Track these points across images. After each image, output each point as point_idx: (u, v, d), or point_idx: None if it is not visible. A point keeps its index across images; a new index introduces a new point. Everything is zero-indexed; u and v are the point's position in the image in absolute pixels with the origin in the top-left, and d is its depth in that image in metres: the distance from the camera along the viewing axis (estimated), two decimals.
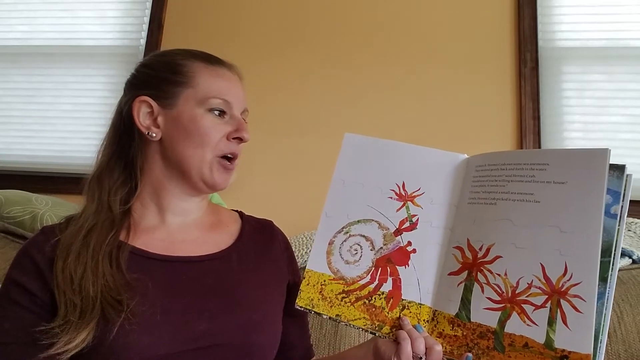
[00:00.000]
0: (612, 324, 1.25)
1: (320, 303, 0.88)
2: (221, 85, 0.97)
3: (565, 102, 2.15)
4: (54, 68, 2.52)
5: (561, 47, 2.20)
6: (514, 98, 2.17)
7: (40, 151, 2.47)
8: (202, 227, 1.01)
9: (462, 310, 0.79)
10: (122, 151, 0.98)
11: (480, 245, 0.80)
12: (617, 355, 1.23)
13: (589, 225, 0.70)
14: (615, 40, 2.16)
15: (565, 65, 2.19)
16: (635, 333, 1.24)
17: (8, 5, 2.62)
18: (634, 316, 1.26)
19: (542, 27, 2.22)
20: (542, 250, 0.73)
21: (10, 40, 2.58)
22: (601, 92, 2.14)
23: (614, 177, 0.71)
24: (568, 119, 2.14)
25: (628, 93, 2.12)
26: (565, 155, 0.77)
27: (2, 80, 2.55)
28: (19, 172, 2.45)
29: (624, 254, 1.45)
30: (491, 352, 0.74)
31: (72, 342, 0.79)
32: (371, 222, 0.90)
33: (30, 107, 2.51)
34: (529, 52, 2.19)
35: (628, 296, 1.31)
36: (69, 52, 2.53)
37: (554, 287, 0.71)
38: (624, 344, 1.24)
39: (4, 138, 2.51)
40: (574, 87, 2.17)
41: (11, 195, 1.68)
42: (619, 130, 2.10)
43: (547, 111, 2.15)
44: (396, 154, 0.93)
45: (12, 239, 1.61)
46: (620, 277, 1.36)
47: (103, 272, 0.85)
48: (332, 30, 2.35)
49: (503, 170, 0.81)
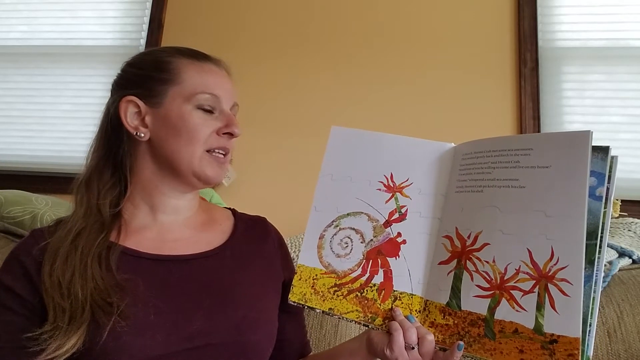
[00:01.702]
0: (612, 324, 1.24)
1: (312, 297, 0.88)
2: (208, 80, 0.95)
3: (565, 102, 2.16)
4: (54, 68, 2.54)
5: (561, 47, 2.21)
6: (514, 98, 2.17)
7: (40, 151, 2.48)
8: (194, 225, 1.00)
9: (452, 299, 0.79)
10: (111, 153, 0.97)
11: (468, 234, 0.80)
12: (617, 355, 1.22)
13: (574, 208, 0.70)
14: (615, 40, 2.16)
15: (565, 65, 2.20)
16: (635, 333, 1.22)
17: (8, 5, 2.64)
18: (634, 316, 1.24)
19: (542, 27, 2.22)
20: (529, 235, 0.73)
21: (10, 40, 2.60)
22: (601, 92, 2.14)
23: (598, 158, 0.70)
24: (568, 119, 2.14)
25: (628, 93, 2.12)
26: (548, 139, 0.77)
27: (2, 80, 2.56)
28: (19, 172, 2.46)
29: (624, 254, 1.43)
30: (482, 340, 0.74)
31: (62, 347, 0.78)
32: (360, 214, 0.90)
33: (30, 107, 2.53)
34: (529, 52, 2.19)
35: (628, 296, 1.30)
36: (69, 52, 2.54)
37: (542, 271, 0.71)
38: (624, 344, 1.22)
39: (4, 138, 2.52)
40: (574, 87, 2.17)
41: (11, 195, 1.68)
42: (619, 130, 2.10)
43: (547, 111, 2.15)
44: (383, 145, 0.92)
45: (12, 239, 1.60)
46: (620, 277, 1.35)
47: (92, 275, 0.84)
48: (332, 31, 2.35)
49: (489, 157, 0.81)
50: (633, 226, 1.65)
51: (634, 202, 1.93)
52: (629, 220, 1.66)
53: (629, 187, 2.01)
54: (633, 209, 1.85)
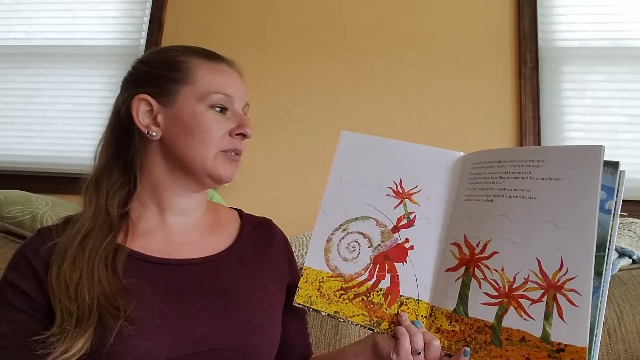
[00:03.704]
0: (612, 324, 1.24)
1: (318, 300, 0.88)
2: (221, 80, 0.95)
3: (565, 102, 2.16)
4: (54, 68, 2.53)
5: (561, 47, 2.21)
6: (514, 98, 2.17)
7: (40, 151, 2.47)
8: (201, 228, 1.00)
9: (459, 306, 0.79)
10: (121, 152, 0.96)
11: (477, 242, 0.81)
12: (617, 355, 1.23)
13: (584, 220, 0.72)
14: (615, 40, 2.16)
15: (565, 65, 2.20)
16: (635, 333, 1.23)
17: (8, 5, 2.62)
18: (634, 316, 1.25)
19: (542, 27, 2.22)
20: (538, 245, 0.74)
21: (10, 40, 2.59)
22: (601, 92, 2.14)
23: (608, 173, 0.72)
24: (568, 119, 2.14)
25: (628, 93, 2.12)
26: (560, 152, 0.78)
27: (2, 80, 2.55)
28: (19, 172, 2.45)
29: (624, 254, 1.44)
30: (488, 347, 0.75)
31: (69, 351, 0.78)
32: (369, 219, 0.90)
33: (30, 107, 2.52)
34: (529, 52, 2.19)
35: (628, 296, 1.30)
36: (69, 52, 2.53)
37: (550, 281, 0.72)
38: (624, 344, 1.23)
39: (4, 138, 2.51)
40: (574, 87, 2.17)
41: (11, 195, 1.67)
42: (619, 130, 2.10)
43: (547, 111, 2.15)
44: (393, 151, 0.93)
45: (12, 239, 1.60)
46: (620, 277, 1.36)
47: (99, 279, 0.84)
48: (332, 30, 2.35)
49: (499, 167, 0.82)
50: (633, 226, 1.66)
51: (634, 202, 1.93)
52: (629, 220, 1.66)
53: (629, 187, 1.99)
54: (633, 209, 1.86)
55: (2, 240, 1.57)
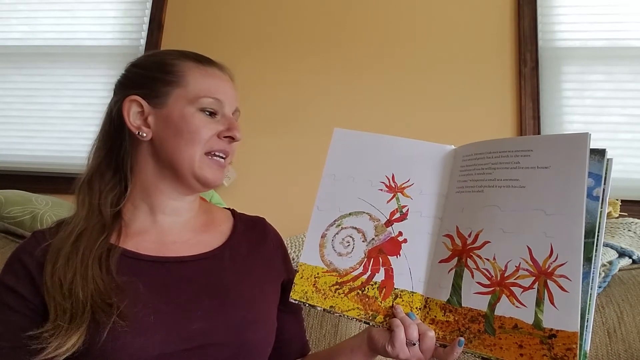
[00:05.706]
0: (612, 324, 1.24)
1: (314, 295, 0.89)
2: (212, 84, 0.96)
3: (565, 102, 2.16)
4: (54, 68, 2.54)
5: (561, 47, 2.21)
6: (514, 98, 2.17)
7: (40, 151, 2.48)
8: (193, 228, 1.00)
9: (453, 296, 0.81)
10: (113, 153, 0.97)
11: (469, 232, 0.82)
12: (617, 355, 1.22)
13: (572, 207, 0.73)
14: (615, 40, 2.16)
15: (565, 65, 2.20)
16: (635, 333, 1.22)
17: (8, 5, 2.64)
18: (634, 316, 1.24)
19: (542, 27, 2.22)
20: (529, 233, 0.76)
21: (10, 40, 2.60)
22: (601, 92, 2.14)
23: (595, 160, 0.73)
24: (568, 119, 2.14)
25: (628, 93, 2.12)
26: (547, 140, 0.80)
27: (2, 80, 2.56)
28: (19, 172, 2.46)
29: (624, 254, 1.44)
30: (482, 336, 0.76)
31: (63, 346, 0.79)
32: (362, 214, 0.92)
33: (30, 107, 2.53)
34: (529, 52, 2.19)
35: (628, 296, 1.30)
36: (69, 52, 2.54)
37: (541, 268, 0.73)
38: (624, 344, 1.22)
39: (4, 138, 2.52)
40: (574, 87, 2.17)
41: (11, 195, 1.67)
42: (619, 130, 2.10)
43: (547, 111, 2.15)
44: (385, 146, 0.95)
45: (12, 239, 1.60)
46: (620, 277, 1.35)
47: (93, 276, 0.85)
48: (332, 32, 2.36)
49: (489, 158, 0.83)
50: (633, 226, 1.65)
51: (634, 202, 1.93)
52: (629, 220, 1.66)
53: (629, 187, 2.01)
54: (633, 209, 1.85)
55: (2, 240, 1.58)
